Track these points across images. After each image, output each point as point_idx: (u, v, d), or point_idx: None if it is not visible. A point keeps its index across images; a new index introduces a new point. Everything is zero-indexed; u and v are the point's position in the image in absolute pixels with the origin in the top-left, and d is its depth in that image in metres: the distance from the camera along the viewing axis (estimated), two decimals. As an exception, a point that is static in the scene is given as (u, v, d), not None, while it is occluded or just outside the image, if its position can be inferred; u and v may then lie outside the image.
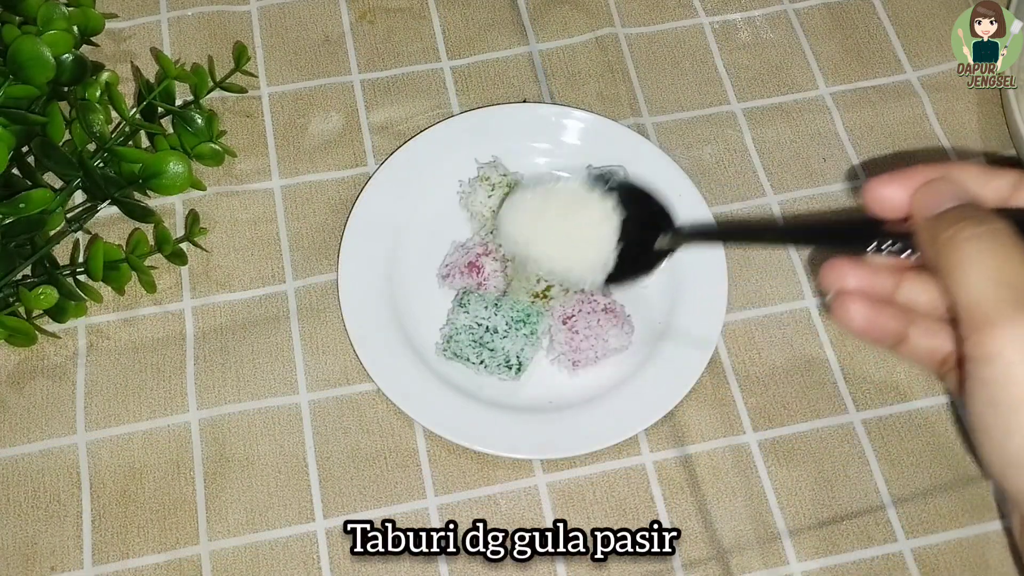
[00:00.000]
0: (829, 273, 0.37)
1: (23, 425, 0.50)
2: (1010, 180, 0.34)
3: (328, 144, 0.59)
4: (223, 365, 0.52)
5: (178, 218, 0.56)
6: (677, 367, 0.51)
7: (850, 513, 0.49)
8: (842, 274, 0.36)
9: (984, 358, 0.29)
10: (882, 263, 0.36)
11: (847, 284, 0.36)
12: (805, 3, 0.64)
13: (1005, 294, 0.29)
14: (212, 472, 0.50)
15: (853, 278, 0.36)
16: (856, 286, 0.36)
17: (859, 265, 0.36)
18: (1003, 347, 0.28)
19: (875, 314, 0.35)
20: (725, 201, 0.57)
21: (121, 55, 0.61)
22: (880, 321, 0.35)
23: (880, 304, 0.36)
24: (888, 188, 0.35)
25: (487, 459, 0.50)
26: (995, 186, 0.34)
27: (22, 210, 0.50)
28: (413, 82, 0.61)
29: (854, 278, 0.36)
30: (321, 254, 0.55)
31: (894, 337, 0.36)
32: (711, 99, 0.60)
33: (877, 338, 0.36)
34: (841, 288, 0.36)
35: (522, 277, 0.51)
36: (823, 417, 0.51)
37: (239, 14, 0.62)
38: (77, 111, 0.53)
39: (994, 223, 0.31)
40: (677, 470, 0.50)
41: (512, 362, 0.50)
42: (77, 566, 0.47)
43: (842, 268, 0.36)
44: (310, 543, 0.48)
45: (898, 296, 0.37)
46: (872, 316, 0.35)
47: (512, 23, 0.63)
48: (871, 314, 0.35)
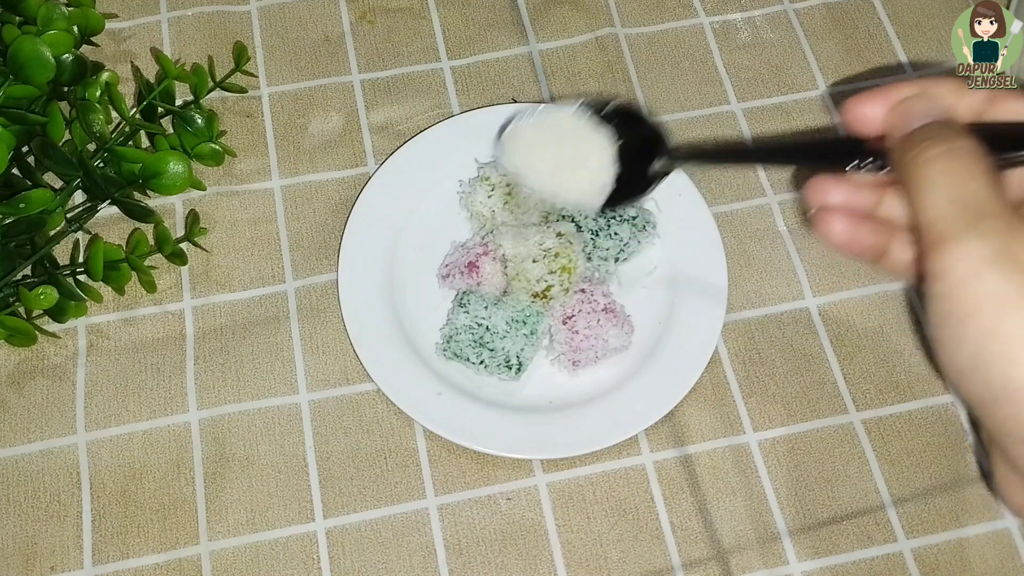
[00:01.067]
0: (811, 190, 0.38)
1: (23, 425, 0.50)
2: (984, 93, 0.35)
3: (328, 144, 0.59)
4: (223, 365, 0.52)
5: (178, 218, 0.56)
6: (677, 367, 0.51)
7: (850, 513, 0.49)
8: (824, 190, 0.37)
9: (936, 274, 0.30)
10: (863, 179, 0.37)
11: (829, 200, 0.37)
12: (805, 3, 0.64)
13: (958, 212, 0.30)
14: (212, 472, 0.50)
15: (835, 194, 0.37)
16: (838, 202, 0.37)
17: (841, 182, 0.37)
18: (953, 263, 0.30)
19: (856, 229, 0.36)
20: (725, 201, 0.57)
21: (121, 55, 0.61)
22: (860, 235, 0.37)
23: (861, 219, 0.37)
24: (867, 106, 0.36)
25: (487, 459, 0.50)
26: (969, 100, 0.35)
27: (22, 210, 0.50)
28: (413, 82, 0.61)
29: (836, 194, 0.37)
30: (321, 254, 0.55)
31: (874, 251, 0.37)
32: (711, 99, 0.60)
33: (858, 252, 0.37)
34: (823, 204, 0.37)
35: (522, 276, 0.51)
36: (823, 417, 0.51)
37: (239, 14, 0.62)
38: (77, 111, 0.53)
39: (956, 141, 0.32)
40: (677, 470, 0.50)
41: (512, 362, 0.50)
42: (77, 566, 0.47)
43: (824, 185, 0.37)
44: (310, 543, 0.48)
45: (879, 211, 0.38)
46: (853, 231, 0.36)
47: (512, 23, 0.63)
48: (852, 229, 0.36)
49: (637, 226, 0.53)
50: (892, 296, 0.54)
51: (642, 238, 0.53)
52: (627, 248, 0.53)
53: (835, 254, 0.55)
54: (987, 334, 0.29)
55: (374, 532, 0.48)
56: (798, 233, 0.56)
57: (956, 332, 0.30)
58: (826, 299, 0.54)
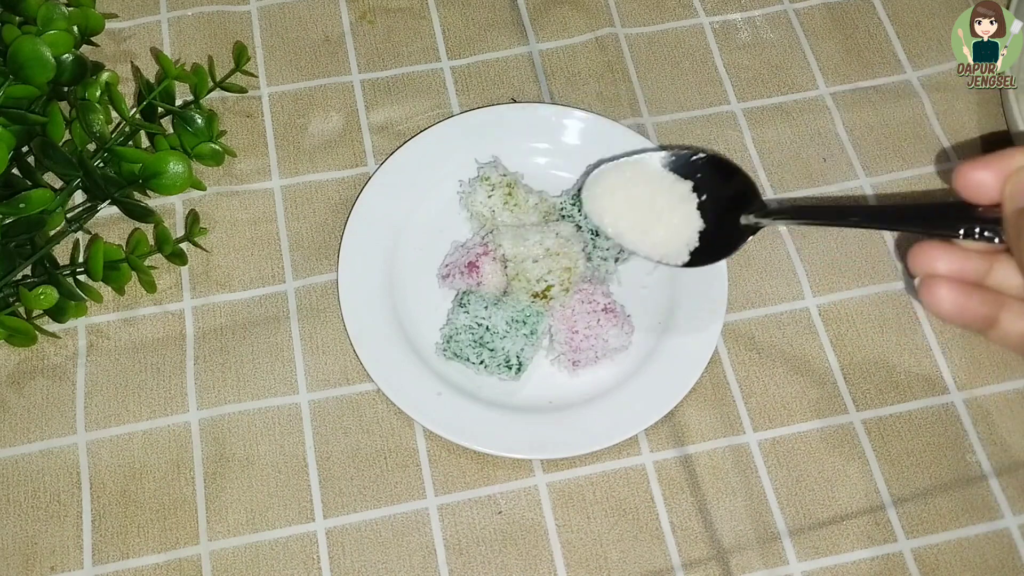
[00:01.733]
0: (918, 256, 0.36)
1: (23, 425, 0.50)
2: None
3: (328, 144, 0.59)
4: (223, 365, 0.52)
5: (178, 218, 0.56)
6: (677, 367, 0.51)
7: (850, 513, 0.49)
8: (931, 258, 0.36)
9: None
10: (973, 247, 0.36)
11: (936, 268, 0.36)
12: (805, 3, 0.64)
13: None
14: (212, 472, 0.50)
15: (943, 262, 0.36)
16: (946, 270, 0.36)
17: (949, 248, 0.36)
18: None
19: (964, 298, 0.35)
20: (725, 201, 0.57)
21: (121, 55, 0.61)
22: (969, 305, 0.35)
23: (970, 288, 0.35)
24: (980, 172, 0.34)
25: (487, 459, 0.50)
26: None
27: (22, 210, 0.50)
28: (413, 82, 0.61)
29: (944, 262, 0.36)
30: (321, 254, 0.55)
31: (984, 321, 0.36)
32: (711, 99, 0.60)
33: (966, 322, 0.36)
34: (930, 272, 0.36)
35: (522, 276, 0.51)
36: (823, 417, 0.51)
37: (239, 14, 0.62)
38: (77, 111, 0.53)
39: None
40: (677, 470, 0.50)
41: (512, 362, 0.50)
42: (77, 566, 0.47)
43: (931, 251, 0.36)
44: (310, 543, 0.48)
45: (990, 279, 0.36)
46: (961, 300, 0.35)
47: (512, 23, 0.63)
48: (960, 298, 0.35)
49: (637, 226, 0.53)
50: (892, 296, 0.54)
51: (642, 238, 0.53)
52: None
53: (837, 256, 0.55)
54: None
55: (374, 532, 0.48)
56: (798, 233, 0.56)
57: None
58: (826, 299, 0.54)
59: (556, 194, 0.55)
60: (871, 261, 0.55)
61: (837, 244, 0.56)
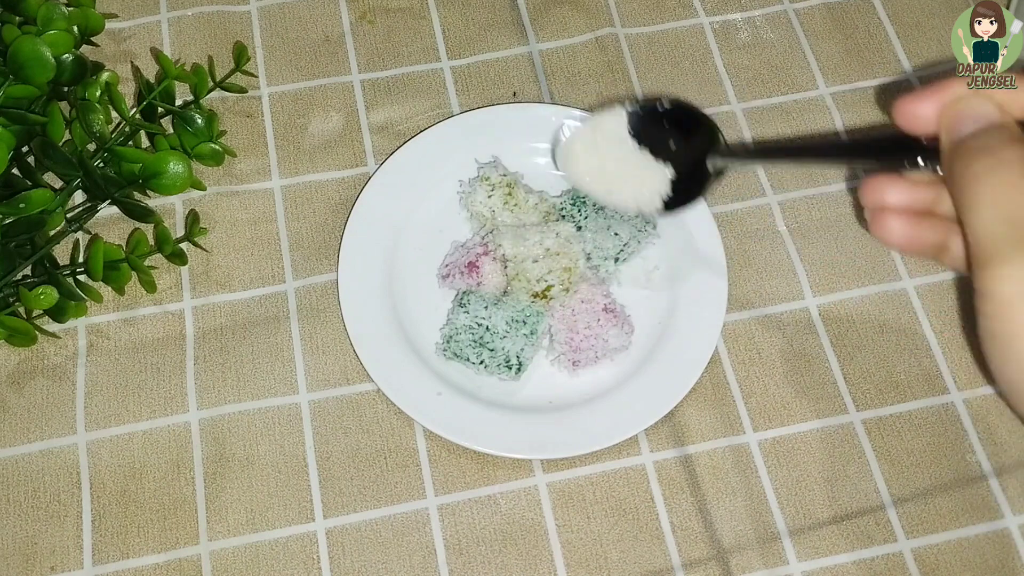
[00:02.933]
0: (868, 190, 0.37)
1: (23, 425, 0.50)
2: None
3: (328, 144, 0.59)
4: (223, 365, 0.52)
5: (178, 218, 0.56)
6: (677, 367, 0.51)
7: (850, 513, 0.49)
8: (880, 190, 0.37)
9: (983, 294, 0.30)
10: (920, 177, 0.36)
11: (885, 200, 0.37)
12: (805, 3, 0.64)
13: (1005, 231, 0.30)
14: (212, 472, 0.50)
15: (891, 193, 0.37)
16: (896, 201, 0.36)
17: (898, 181, 0.37)
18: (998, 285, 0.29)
19: (914, 228, 0.36)
20: (725, 201, 0.57)
21: (121, 55, 0.61)
22: (919, 234, 0.36)
23: (919, 217, 0.36)
24: (919, 105, 0.35)
25: (487, 459, 0.50)
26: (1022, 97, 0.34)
27: (22, 210, 0.50)
28: (413, 82, 0.61)
29: (892, 193, 0.37)
30: (321, 254, 0.55)
31: (935, 248, 0.36)
32: (711, 99, 0.60)
33: (917, 251, 0.37)
34: (880, 204, 0.37)
35: (522, 276, 0.51)
36: (823, 417, 0.51)
37: (239, 14, 0.62)
38: (77, 111, 0.53)
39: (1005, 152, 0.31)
40: (677, 470, 0.50)
41: (512, 362, 0.50)
42: (77, 566, 0.47)
43: (880, 184, 0.37)
44: (310, 543, 0.48)
45: (939, 207, 0.37)
46: (911, 230, 0.36)
47: (512, 23, 0.63)
48: (910, 228, 0.36)
49: (637, 226, 0.53)
50: (892, 296, 0.54)
51: (642, 238, 0.53)
52: (627, 248, 0.53)
53: (837, 256, 0.55)
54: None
55: (374, 532, 0.48)
56: (798, 233, 0.56)
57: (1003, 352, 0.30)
58: (826, 299, 0.54)
59: (556, 194, 0.55)
60: (871, 261, 0.55)
61: (837, 244, 0.56)
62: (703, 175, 0.45)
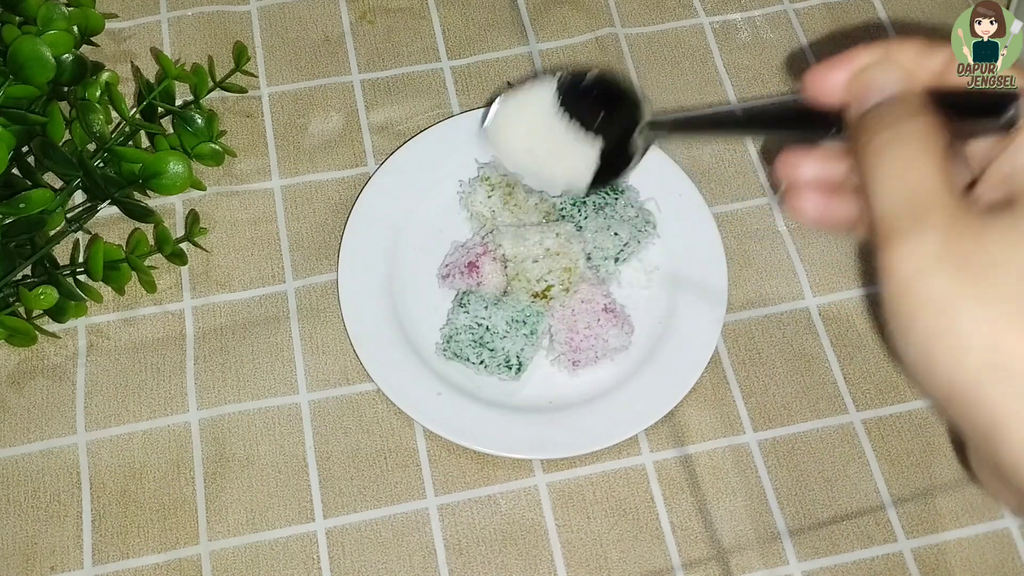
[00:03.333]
0: (781, 165, 0.36)
1: (23, 425, 0.50)
2: (942, 58, 0.33)
3: (328, 144, 0.59)
4: (223, 365, 0.52)
5: (178, 218, 0.56)
6: (677, 367, 0.51)
7: (850, 513, 0.49)
8: (794, 164, 0.36)
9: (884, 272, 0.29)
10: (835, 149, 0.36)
11: (800, 174, 0.36)
12: (805, 3, 0.64)
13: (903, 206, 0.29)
14: (212, 472, 0.50)
15: (806, 167, 0.36)
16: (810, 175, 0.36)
17: (811, 154, 0.36)
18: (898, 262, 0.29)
19: (827, 203, 0.35)
20: (725, 201, 0.57)
21: (121, 55, 0.61)
22: (832, 210, 0.35)
23: (833, 191, 0.35)
24: (828, 75, 0.34)
25: (487, 459, 0.50)
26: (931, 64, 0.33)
27: (22, 210, 0.50)
28: (413, 82, 0.61)
29: (807, 167, 0.36)
30: (321, 254, 0.55)
31: (848, 222, 0.36)
32: (711, 99, 0.60)
33: (832, 226, 0.36)
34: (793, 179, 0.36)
35: (522, 276, 0.51)
36: (823, 417, 0.51)
37: (239, 14, 0.62)
38: (77, 111, 0.53)
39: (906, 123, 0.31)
40: (677, 470, 0.50)
41: (512, 362, 0.50)
42: (77, 566, 0.47)
43: (794, 159, 0.36)
44: (310, 543, 0.48)
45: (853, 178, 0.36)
46: (824, 206, 0.35)
47: (512, 23, 0.63)
48: (823, 204, 0.35)
49: (637, 226, 0.53)
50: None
51: (642, 238, 0.53)
52: (627, 248, 0.53)
53: (837, 256, 0.55)
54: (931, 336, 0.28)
55: (374, 532, 0.48)
56: (798, 233, 0.56)
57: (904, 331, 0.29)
58: (826, 299, 0.54)
59: (556, 194, 0.55)
60: (871, 261, 0.55)
61: (837, 244, 0.56)
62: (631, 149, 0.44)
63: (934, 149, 0.30)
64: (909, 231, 0.29)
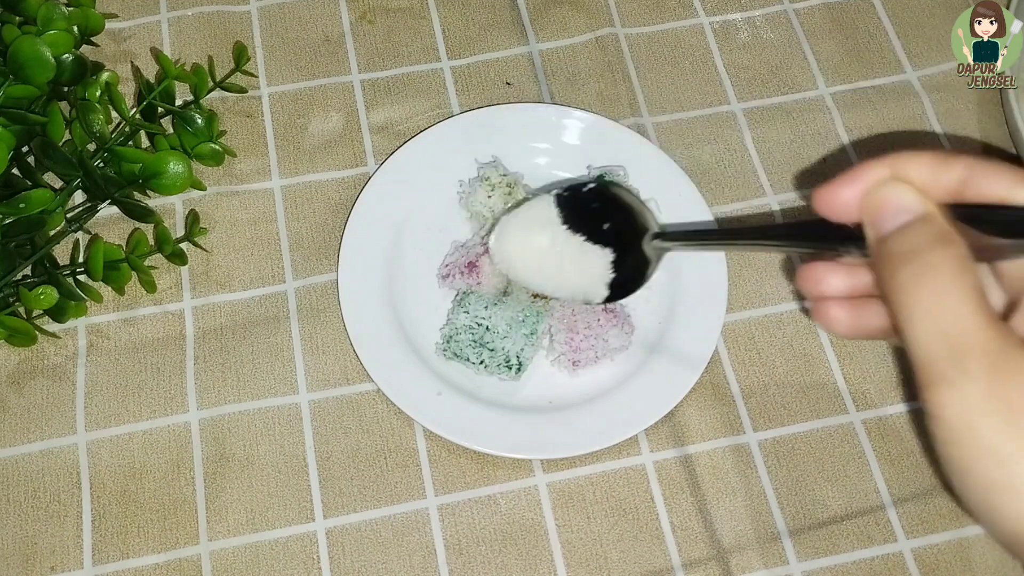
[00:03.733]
0: (806, 277, 0.36)
1: (23, 425, 0.50)
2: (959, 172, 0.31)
3: (328, 144, 0.59)
4: (223, 365, 0.52)
5: (178, 218, 0.56)
6: (677, 367, 0.51)
7: (850, 513, 0.49)
8: (819, 277, 0.35)
9: (933, 417, 0.29)
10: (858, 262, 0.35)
11: (825, 287, 0.35)
12: (805, 3, 0.64)
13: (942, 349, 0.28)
14: (212, 472, 0.50)
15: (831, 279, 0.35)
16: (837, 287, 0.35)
17: (835, 266, 0.35)
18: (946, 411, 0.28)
19: (857, 316, 0.34)
20: (725, 201, 0.57)
21: (121, 55, 0.61)
22: (864, 320, 0.35)
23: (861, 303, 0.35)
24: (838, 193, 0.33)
25: (487, 459, 0.50)
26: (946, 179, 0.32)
27: (22, 210, 0.50)
28: (413, 82, 0.61)
29: (833, 279, 0.35)
30: (321, 254, 0.55)
31: (882, 332, 0.35)
32: (711, 99, 0.60)
33: (866, 336, 0.35)
34: (819, 293, 0.35)
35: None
36: (823, 417, 0.51)
37: (239, 14, 0.62)
38: (77, 111, 0.53)
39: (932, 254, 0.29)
40: (677, 470, 0.50)
41: (512, 362, 0.50)
42: (77, 566, 0.47)
43: (818, 272, 0.35)
44: (310, 543, 0.48)
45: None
46: (854, 318, 0.35)
47: (512, 23, 0.63)
48: (854, 315, 0.35)
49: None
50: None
51: (642, 238, 0.53)
52: (627, 248, 0.53)
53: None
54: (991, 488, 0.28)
55: (374, 532, 0.48)
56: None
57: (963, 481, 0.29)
58: (826, 299, 0.54)
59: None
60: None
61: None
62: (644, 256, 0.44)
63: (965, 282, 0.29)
64: (952, 379, 0.28)
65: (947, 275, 0.29)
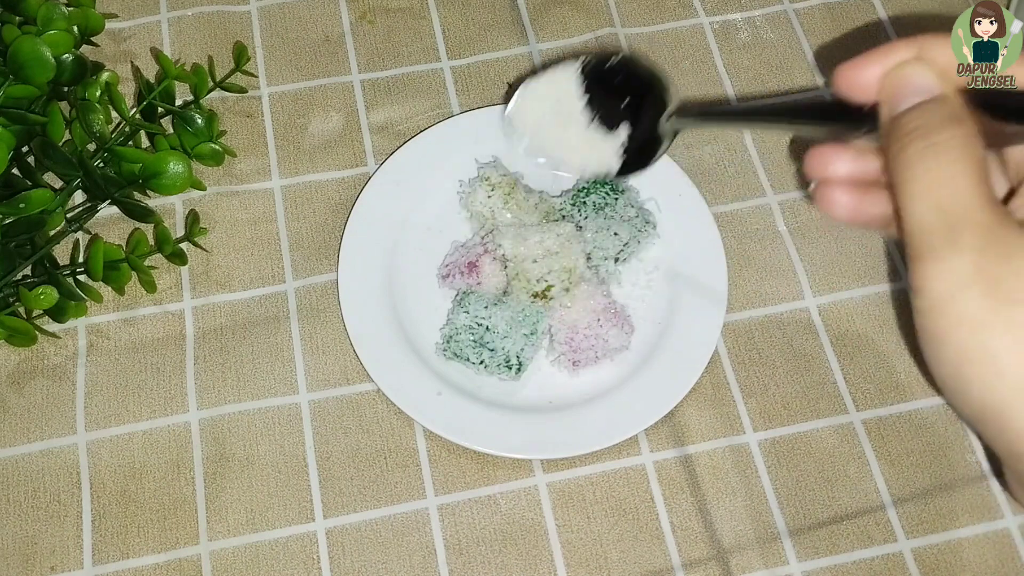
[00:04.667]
0: (814, 160, 0.35)
1: (23, 425, 0.50)
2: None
3: (328, 144, 0.59)
4: (223, 365, 0.52)
5: (178, 218, 0.56)
6: (677, 367, 0.51)
7: (850, 513, 0.49)
8: (826, 161, 0.35)
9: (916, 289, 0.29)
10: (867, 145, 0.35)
11: (831, 171, 0.35)
12: (805, 3, 0.64)
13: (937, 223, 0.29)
14: (212, 472, 0.50)
15: (837, 164, 0.35)
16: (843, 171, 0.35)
17: (843, 150, 0.35)
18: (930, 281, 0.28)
19: (859, 201, 0.34)
20: (725, 201, 0.57)
21: (121, 55, 0.61)
22: (865, 207, 0.34)
23: (865, 188, 0.34)
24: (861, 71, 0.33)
25: (487, 459, 0.50)
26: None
27: (22, 210, 0.50)
28: (413, 82, 0.61)
29: (838, 164, 0.35)
30: (321, 254, 0.55)
31: (881, 221, 0.35)
32: (711, 99, 0.60)
33: (864, 224, 0.35)
34: (824, 176, 0.35)
35: (522, 276, 0.51)
36: (823, 417, 0.51)
37: (239, 14, 0.62)
38: (77, 111, 0.53)
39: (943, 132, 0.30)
40: (677, 470, 0.50)
41: (512, 362, 0.50)
42: (77, 566, 0.47)
43: (825, 154, 0.35)
44: (310, 543, 0.48)
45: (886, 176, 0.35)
46: (856, 204, 0.34)
47: (512, 23, 0.63)
48: (855, 201, 0.34)
49: (637, 226, 0.53)
50: (892, 296, 0.54)
51: (642, 238, 0.53)
52: (627, 248, 0.53)
53: (837, 256, 0.55)
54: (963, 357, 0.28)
55: (374, 532, 0.48)
56: (798, 233, 0.56)
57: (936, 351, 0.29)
58: (826, 299, 0.54)
59: (556, 194, 0.55)
60: (871, 261, 0.55)
61: (837, 244, 0.56)
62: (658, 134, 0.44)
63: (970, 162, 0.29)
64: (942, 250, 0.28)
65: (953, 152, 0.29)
